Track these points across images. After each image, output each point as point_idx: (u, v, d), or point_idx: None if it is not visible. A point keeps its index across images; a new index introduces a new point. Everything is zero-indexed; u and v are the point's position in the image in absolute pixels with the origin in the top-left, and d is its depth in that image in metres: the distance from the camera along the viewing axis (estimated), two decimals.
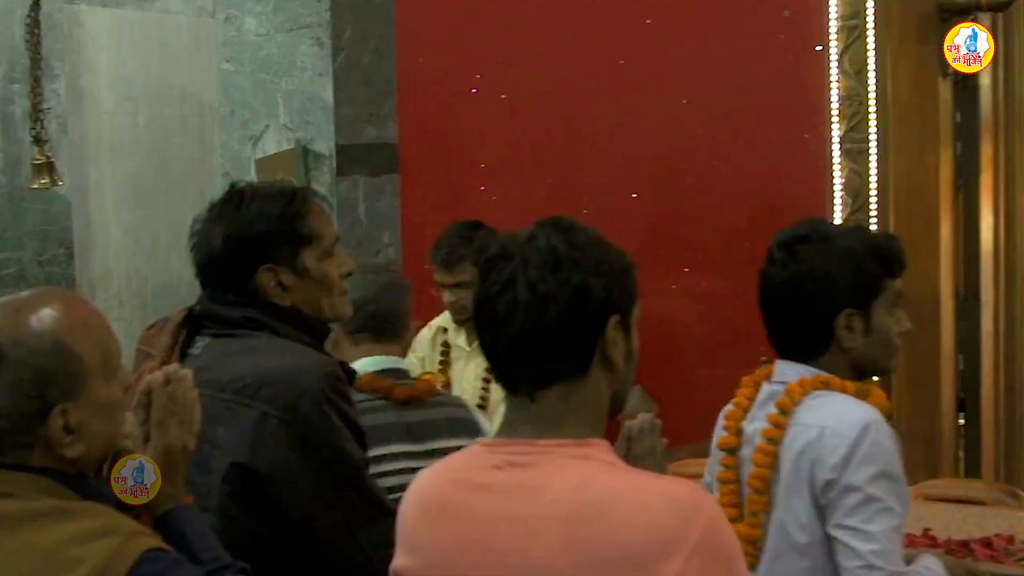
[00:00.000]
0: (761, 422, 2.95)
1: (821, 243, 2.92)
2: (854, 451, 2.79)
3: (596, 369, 2.15)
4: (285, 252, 3.03)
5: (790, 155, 4.91)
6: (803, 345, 2.96)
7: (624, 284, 2.17)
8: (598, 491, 2.05)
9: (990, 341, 5.19)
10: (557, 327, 2.10)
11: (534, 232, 2.15)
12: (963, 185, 5.02)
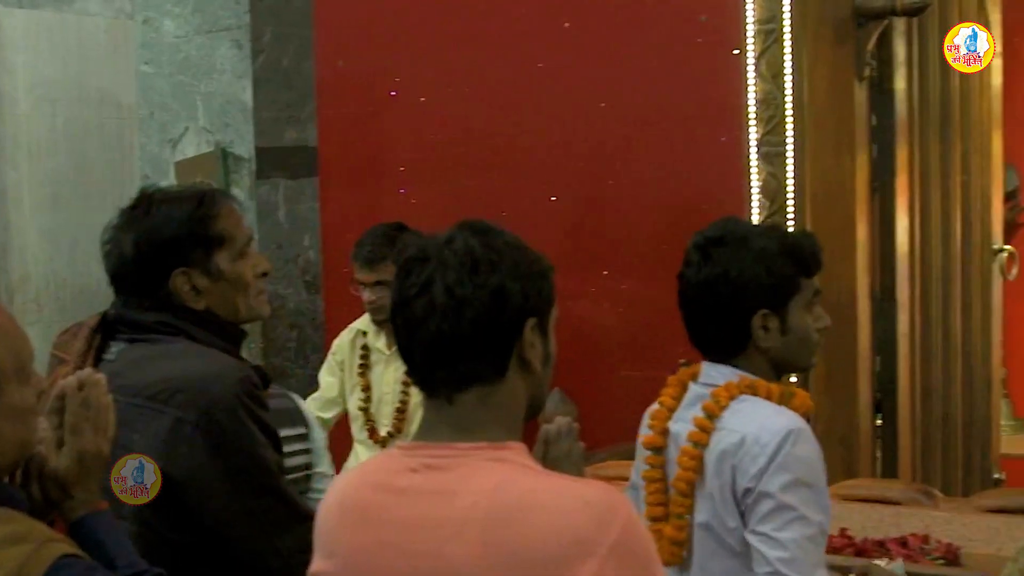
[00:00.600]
0: (686, 424, 2.96)
1: (735, 245, 2.93)
2: (774, 461, 2.80)
3: (513, 372, 2.15)
4: (198, 255, 3.01)
5: (708, 158, 4.92)
6: (722, 346, 2.98)
7: (541, 287, 2.18)
8: (514, 494, 2.06)
9: (906, 342, 5.23)
10: (474, 330, 2.11)
11: (452, 235, 2.16)
12: (878, 188, 5.06)
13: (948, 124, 5.58)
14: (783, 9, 4.62)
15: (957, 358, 5.75)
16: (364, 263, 4.95)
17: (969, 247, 5.83)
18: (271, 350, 6.70)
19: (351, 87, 5.97)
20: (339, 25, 5.99)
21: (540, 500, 2.05)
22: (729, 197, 4.81)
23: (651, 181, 5.08)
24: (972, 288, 5.90)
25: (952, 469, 5.72)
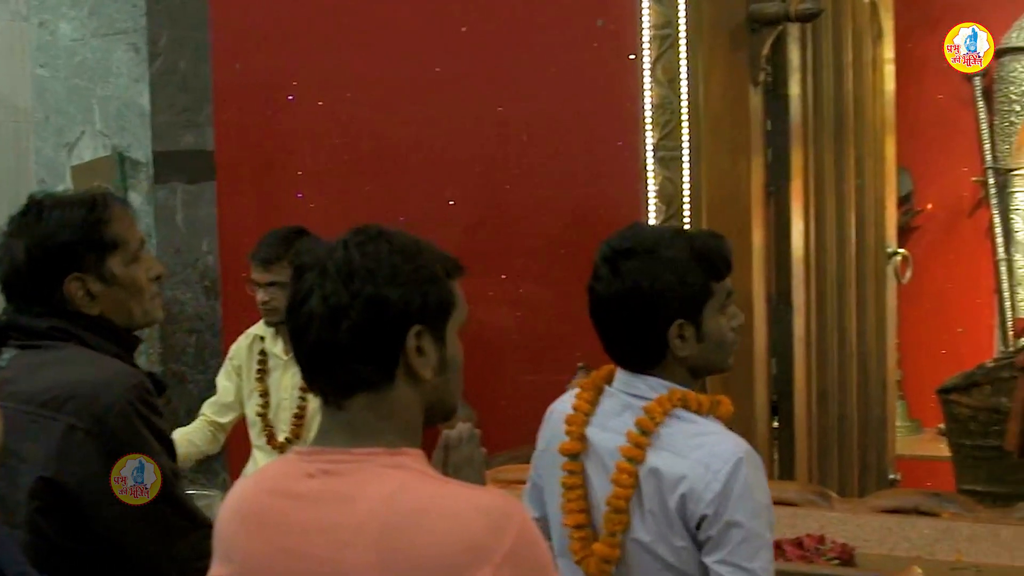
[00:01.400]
0: (614, 435, 2.94)
1: (645, 256, 2.90)
2: (731, 486, 2.80)
3: (402, 379, 2.15)
4: (91, 260, 2.99)
5: (605, 162, 4.94)
6: (639, 357, 2.96)
7: (428, 293, 2.16)
8: (410, 501, 2.07)
9: (802, 345, 5.26)
10: (351, 338, 2.11)
11: (338, 243, 2.17)
12: (774, 192, 5.08)
13: (842, 129, 5.63)
14: (678, 15, 4.64)
15: (852, 361, 5.80)
16: (259, 263, 4.94)
17: (864, 251, 5.89)
18: (170, 355, 6.66)
19: (248, 91, 5.94)
20: (236, 29, 5.96)
21: (435, 507, 2.06)
22: (626, 201, 4.83)
23: (549, 185, 5.10)
24: (867, 291, 5.96)
25: (848, 470, 5.77)
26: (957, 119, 8.03)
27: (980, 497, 4.61)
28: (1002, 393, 4.57)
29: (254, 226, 5.44)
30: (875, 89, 6.08)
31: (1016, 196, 7.78)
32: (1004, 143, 7.74)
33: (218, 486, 6.09)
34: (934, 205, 8.20)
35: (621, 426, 2.93)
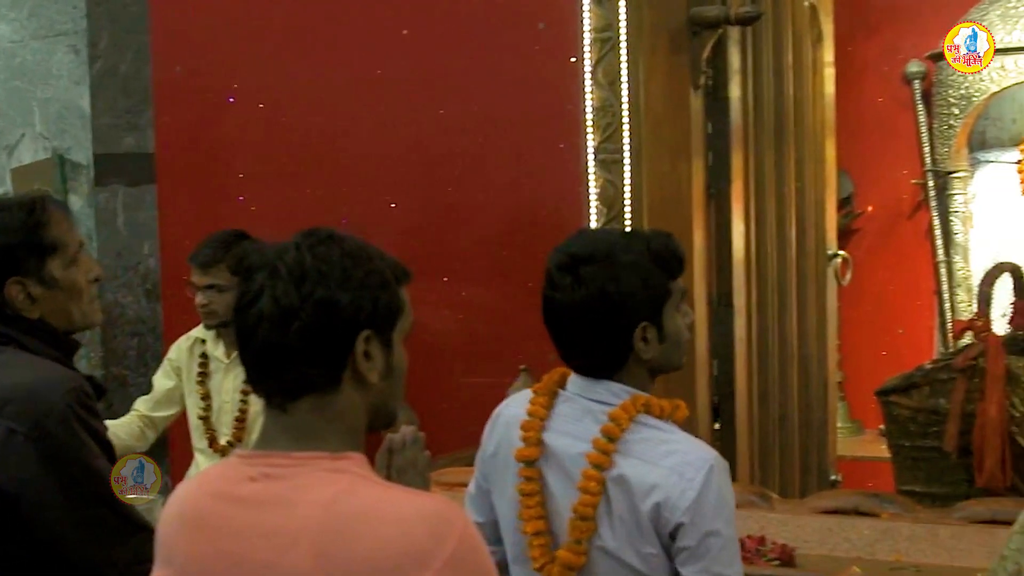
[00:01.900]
0: (575, 440, 2.93)
1: (606, 262, 2.89)
2: (705, 494, 2.81)
3: (348, 383, 2.16)
4: (31, 263, 2.99)
5: (546, 165, 4.96)
6: (603, 363, 2.95)
7: (378, 298, 2.17)
8: (351, 505, 2.07)
9: (743, 346, 5.27)
10: (300, 340, 2.11)
11: (289, 244, 2.17)
12: (715, 194, 5.09)
13: (782, 132, 5.64)
14: (619, 18, 4.64)
15: (794, 362, 5.83)
16: (198, 266, 4.94)
17: (804, 253, 5.91)
18: (111, 359, 6.63)
19: (189, 93, 5.92)
20: (176, 31, 5.94)
21: (376, 512, 2.06)
22: (567, 204, 4.84)
23: (490, 188, 5.11)
24: (807, 293, 5.99)
25: (789, 471, 5.79)
26: (897, 122, 8.09)
27: (919, 497, 4.64)
28: (941, 394, 4.60)
29: (195, 229, 5.42)
30: (815, 92, 6.11)
31: (955, 198, 7.84)
32: (943, 146, 7.80)
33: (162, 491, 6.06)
34: (874, 207, 8.25)
35: (582, 432, 2.93)
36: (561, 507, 2.94)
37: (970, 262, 7.79)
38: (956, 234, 7.84)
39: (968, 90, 7.59)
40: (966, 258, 7.84)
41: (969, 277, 7.61)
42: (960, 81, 7.59)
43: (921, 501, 4.58)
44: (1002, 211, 7.87)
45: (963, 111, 7.64)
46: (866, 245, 8.18)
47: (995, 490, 4.38)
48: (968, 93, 7.60)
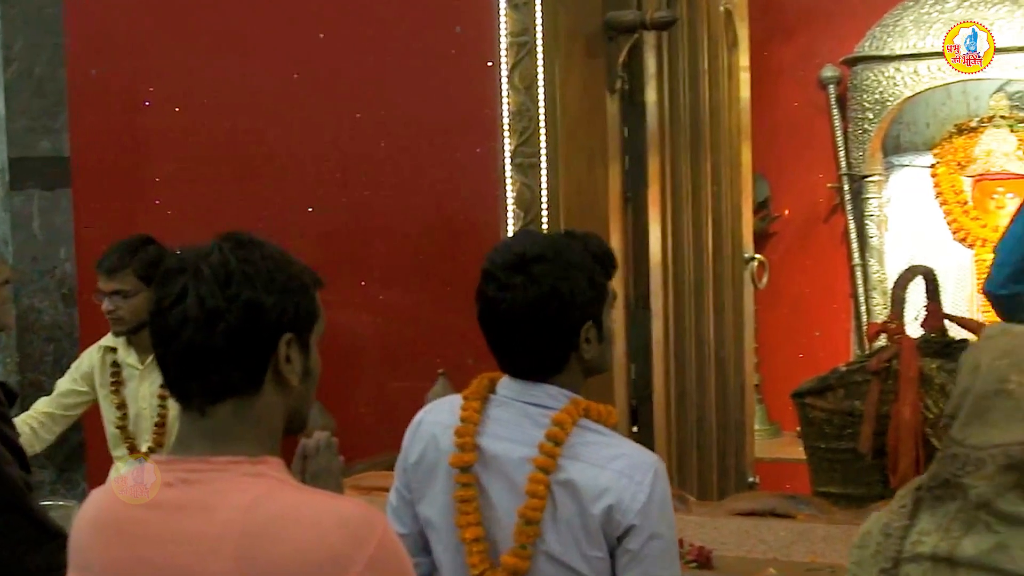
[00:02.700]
0: (515, 445, 2.91)
1: (556, 261, 2.89)
2: (653, 497, 2.82)
3: (269, 386, 2.16)
4: None
5: (464, 169, 4.96)
6: (545, 364, 2.94)
7: (299, 302, 2.18)
8: (271, 510, 2.06)
9: (661, 349, 5.29)
10: (226, 342, 2.10)
11: (211, 247, 2.16)
12: (631, 198, 5.10)
13: (698, 136, 5.68)
14: (535, 22, 4.66)
15: (711, 365, 5.85)
16: (104, 272, 4.89)
17: (721, 256, 5.95)
18: (27, 364, 6.56)
19: (104, 96, 5.88)
20: (91, 33, 5.90)
21: (296, 516, 2.06)
22: (484, 207, 4.84)
23: (408, 191, 5.10)
24: (724, 296, 6.02)
25: (707, 474, 5.82)
26: (812, 126, 8.16)
27: (835, 499, 4.67)
28: (855, 396, 4.63)
29: (111, 233, 5.38)
30: (731, 96, 6.14)
31: (870, 202, 7.92)
32: (858, 150, 7.88)
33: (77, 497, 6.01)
34: (791, 211, 8.31)
35: (522, 436, 2.91)
36: (501, 513, 2.92)
37: (885, 265, 7.88)
38: (871, 238, 7.92)
39: (882, 95, 7.67)
40: (881, 261, 7.92)
41: (884, 280, 7.69)
42: (874, 86, 7.68)
43: (837, 503, 4.61)
44: (916, 215, 7.96)
45: (878, 116, 7.72)
46: (783, 249, 8.25)
47: None
48: (882, 98, 7.68)
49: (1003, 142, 7.78)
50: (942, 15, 7.51)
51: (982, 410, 2.54)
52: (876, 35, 7.73)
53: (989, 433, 2.52)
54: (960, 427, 2.56)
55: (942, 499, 2.56)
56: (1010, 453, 2.49)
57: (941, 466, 2.58)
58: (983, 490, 2.49)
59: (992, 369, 2.55)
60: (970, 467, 2.51)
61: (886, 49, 7.64)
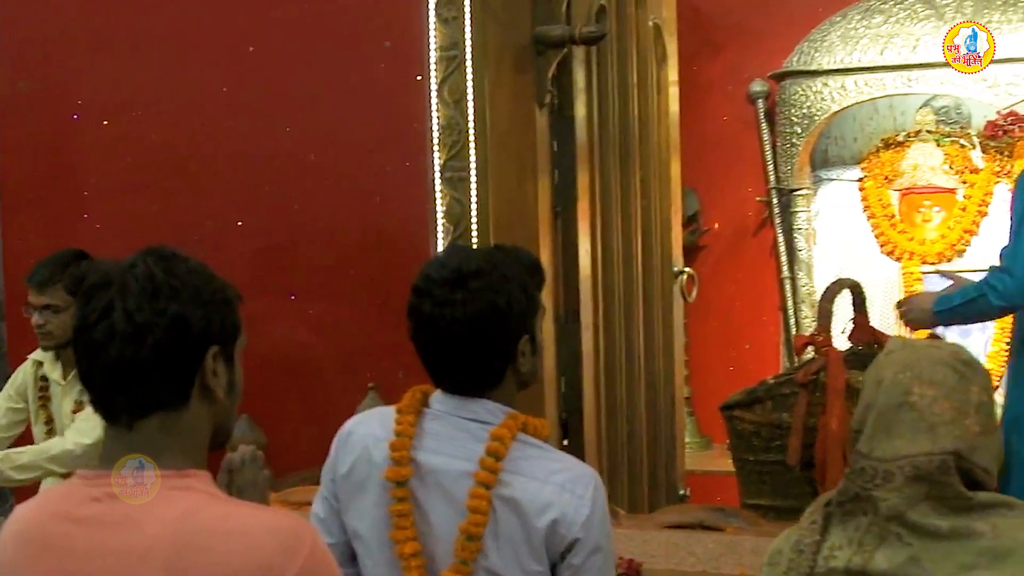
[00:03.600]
0: (453, 459, 2.91)
1: (493, 275, 2.89)
2: (595, 510, 2.84)
3: (196, 399, 2.16)
4: None
5: (393, 183, 4.96)
6: (482, 379, 2.94)
7: (225, 315, 2.19)
8: (200, 522, 2.06)
9: (591, 362, 5.30)
10: (154, 355, 2.10)
11: (135, 260, 2.15)
12: (561, 212, 5.11)
13: (627, 150, 5.70)
14: (464, 36, 4.66)
15: (641, 378, 5.87)
16: (34, 286, 4.87)
17: (650, 270, 5.97)
18: None
19: (32, 109, 5.84)
20: (19, 46, 5.85)
21: (225, 528, 2.06)
22: (414, 221, 4.84)
23: (338, 205, 5.10)
24: (654, 310, 6.04)
25: (638, 487, 5.84)
26: (741, 140, 8.21)
27: (764, 511, 4.69)
28: (783, 409, 4.65)
29: (40, 247, 5.35)
30: (660, 111, 6.18)
31: (799, 216, 7.98)
32: (786, 164, 7.94)
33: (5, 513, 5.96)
34: (720, 224, 8.36)
35: (460, 451, 2.91)
36: (438, 527, 2.91)
37: (814, 278, 7.93)
38: (800, 251, 7.98)
39: (810, 109, 7.74)
40: (810, 274, 7.98)
41: (813, 293, 7.74)
42: (802, 100, 7.74)
43: (766, 515, 4.63)
44: (844, 228, 8.03)
45: (805, 130, 7.78)
46: (712, 262, 8.30)
47: None
48: (810, 112, 7.74)
49: (929, 156, 7.85)
50: (868, 31, 7.58)
51: (887, 423, 2.59)
52: (804, 50, 7.79)
53: (895, 445, 2.57)
54: (866, 441, 2.61)
55: (852, 513, 2.60)
56: (916, 464, 2.54)
57: (850, 480, 2.62)
58: (893, 502, 2.54)
59: (895, 383, 2.61)
60: (879, 480, 2.56)
61: (814, 64, 7.70)
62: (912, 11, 7.53)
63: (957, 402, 2.58)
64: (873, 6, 7.70)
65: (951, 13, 7.42)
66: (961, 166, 7.71)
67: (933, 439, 2.55)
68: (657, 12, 6.14)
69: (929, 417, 2.57)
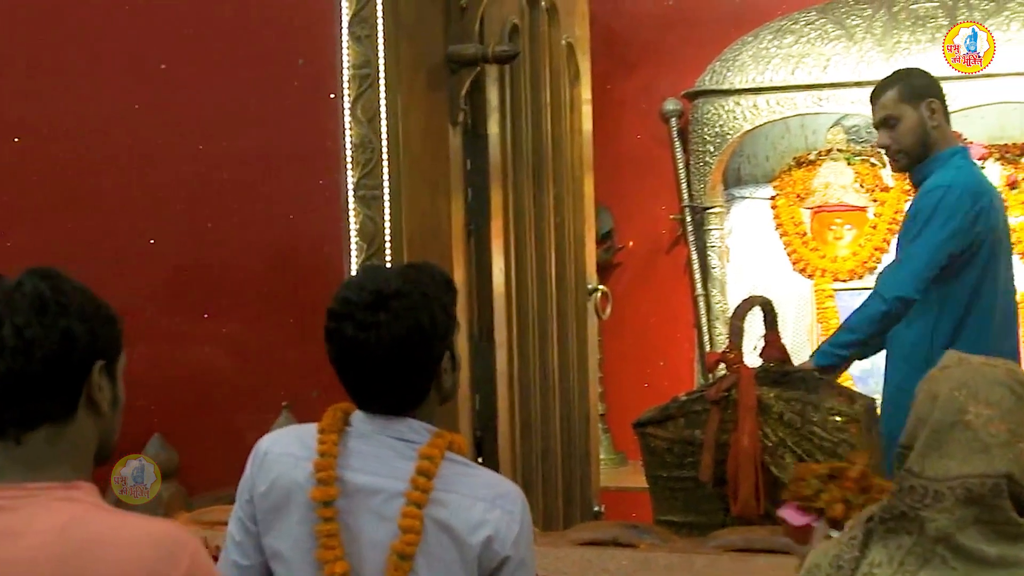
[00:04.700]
0: (381, 478, 2.90)
1: (412, 294, 2.90)
2: (523, 526, 2.87)
3: (82, 412, 2.21)
4: None
5: (307, 201, 4.93)
6: (407, 398, 2.94)
7: (109, 331, 2.25)
8: (85, 531, 2.09)
9: (504, 380, 5.31)
10: (43, 369, 2.15)
11: (21, 279, 2.20)
12: (474, 230, 5.13)
13: (541, 168, 5.72)
14: (378, 54, 4.67)
15: (555, 395, 5.89)
16: None
17: (564, 287, 5.99)
18: None
19: None
20: None
21: (108, 537, 2.10)
22: (328, 240, 4.83)
23: (251, 224, 5.07)
24: (568, 327, 6.06)
25: (552, 503, 5.85)
26: (655, 159, 8.26)
27: (677, 527, 4.71)
28: (696, 425, 4.68)
29: None
30: (573, 129, 6.20)
31: (712, 233, 8.04)
32: (700, 182, 7.99)
33: None
34: (634, 242, 8.40)
35: (388, 470, 2.90)
36: (367, 547, 2.90)
37: (727, 295, 7.99)
38: (713, 268, 8.04)
39: (723, 128, 7.80)
40: (723, 292, 8.04)
41: (726, 310, 7.80)
42: (715, 119, 7.80)
43: (679, 531, 4.65)
44: (757, 246, 8.10)
45: (718, 148, 7.84)
46: (626, 279, 8.33)
47: (750, 518, 4.47)
48: (723, 131, 7.81)
49: (840, 175, 7.95)
50: (780, 51, 7.66)
51: (940, 442, 2.52)
52: (716, 70, 7.86)
53: (947, 465, 2.50)
54: (917, 458, 2.55)
55: (895, 532, 2.54)
56: (969, 486, 2.47)
57: (897, 499, 2.55)
58: (943, 523, 2.48)
59: (950, 400, 2.54)
60: (928, 500, 2.50)
61: (726, 83, 7.77)
62: (823, 32, 7.61)
63: (1013, 424, 2.52)
64: (784, 26, 7.78)
65: (861, 34, 7.51)
66: (872, 184, 7.81)
67: (987, 460, 2.49)
68: (570, 31, 6.17)
69: (984, 437, 2.50)
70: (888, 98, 5.09)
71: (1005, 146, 7.69)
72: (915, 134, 5.05)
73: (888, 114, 5.08)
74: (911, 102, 5.05)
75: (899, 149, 5.10)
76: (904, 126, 5.05)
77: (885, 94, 5.10)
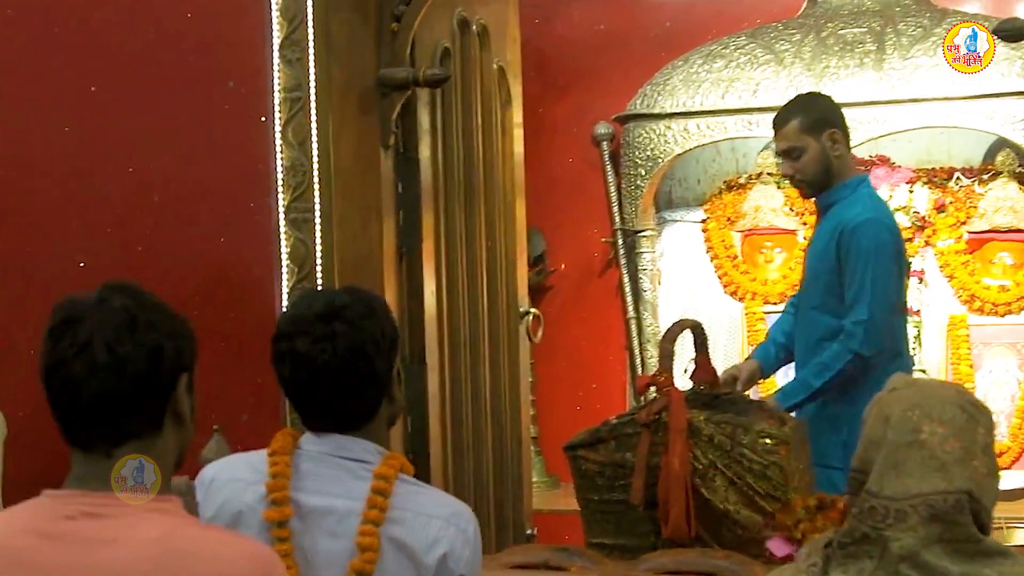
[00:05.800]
0: (336, 499, 2.93)
1: (358, 306, 2.97)
2: (475, 544, 2.95)
3: (168, 426, 2.27)
4: None
5: (238, 224, 4.92)
6: (358, 416, 2.99)
7: (191, 345, 2.34)
8: (182, 543, 2.15)
9: (436, 403, 5.31)
10: (135, 386, 2.20)
11: (103, 295, 2.26)
12: (406, 253, 5.13)
13: (472, 191, 5.73)
14: (309, 77, 4.67)
15: (487, 418, 5.89)
16: None
17: (495, 310, 6.00)
18: None
19: None
20: None
21: (205, 551, 2.16)
22: (259, 263, 4.82)
23: (182, 246, 5.04)
24: (500, 350, 6.07)
25: (485, 526, 5.83)
26: (587, 182, 8.30)
27: (609, 550, 4.72)
28: (626, 448, 4.69)
29: None
30: (505, 152, 6.21)
31: (644, 256, 8.08)
32: (631, 205, 8.03)
33: None
34: (566, 265, 8.43)
35: (342, 490, 2.94)
36: (322, 567, 2.93)
37: (659, 318, 8.03)
38: (645, 291, 8.08)
39: (654, 152, 7.85)
40: (655, 314, 8.08)
41: (658, 333, 7.83)
42: (646, 143, 7.85)
43: (610, 554, 4.66)
44: (688, 269, 8.15)
45: (649, 172, 7.89)
46: (559, 302, 8.36)
47: (681, 541, 4.48)
48: (654, 155, 7.85)
49: (770, 198, 8.01)
50: (710, 75, 7.72)
51: (897, 461, 2.54)
52: (647, 93, 7.90)
53: (906, 484, 2.52)
54: (876, 479, 2.56)
55: (855, 556, 2.55)
56: (931, 503, 2.50)
57: (859, 520, 2.57)
58: (907, 542, 2.49)
59: (903, 420, 2.57)
60: (891, 519, 2.51)
61: (657, 107, 7.82)
62: (752, 56, 7.67)
63: (966, 442, 2.55)
64: (715, 51, 7.84)
65: (790, 58, 7.57)
66: (801, 207, 7.87)
67: (946, 478, 2.52)
68: (501, 55, 6.19)
69: (940, 455, 2.53)
70: (790, 129, 5.18)
71: (933, 170, 7.78)
72: (818, 164, 5.15)
73: (790, 145, 5.18)
74: (812, 133, 5.14)
75: (802, 179, 5.21)
76: (807, 157, 5.15)
77: (787, 125, 5.19)
